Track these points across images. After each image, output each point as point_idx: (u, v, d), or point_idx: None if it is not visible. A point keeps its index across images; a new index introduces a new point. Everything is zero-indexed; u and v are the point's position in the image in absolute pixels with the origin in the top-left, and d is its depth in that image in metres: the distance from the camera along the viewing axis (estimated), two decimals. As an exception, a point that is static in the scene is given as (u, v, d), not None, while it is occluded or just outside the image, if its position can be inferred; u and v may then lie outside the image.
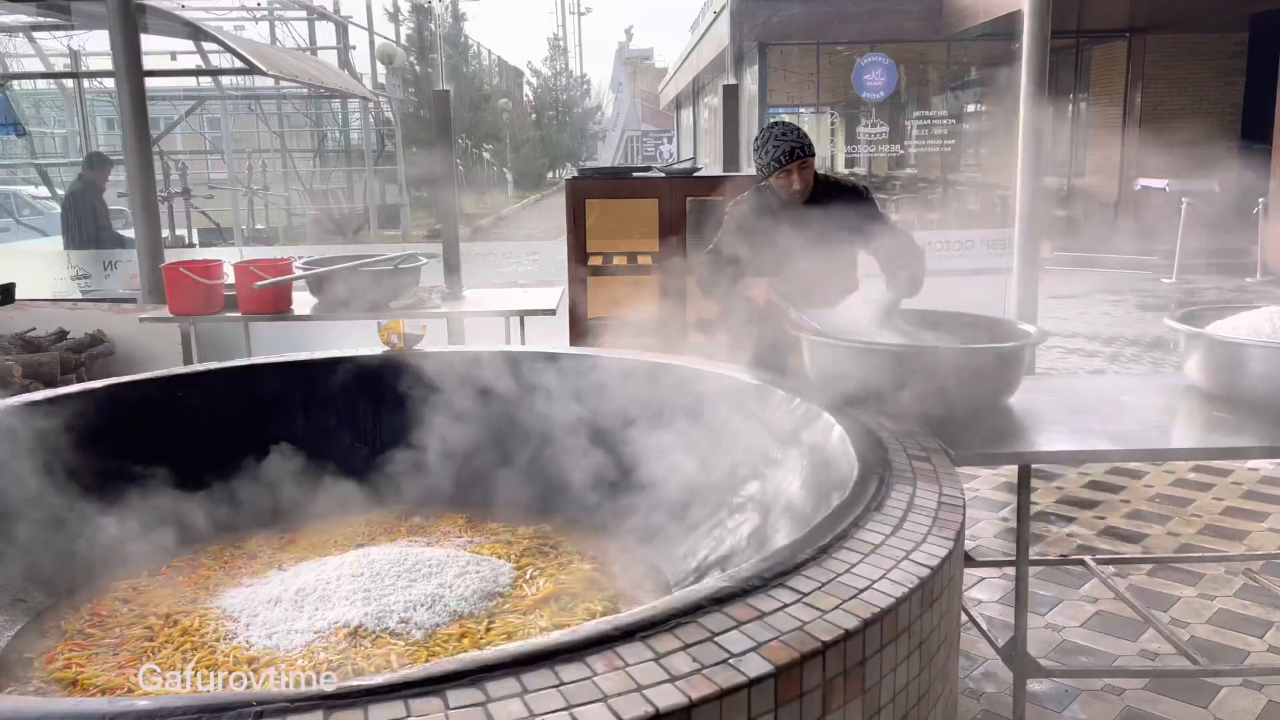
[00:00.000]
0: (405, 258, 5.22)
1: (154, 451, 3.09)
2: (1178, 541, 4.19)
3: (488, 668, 1.43)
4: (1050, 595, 3.68)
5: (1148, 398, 3.00)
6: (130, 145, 5.82)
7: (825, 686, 1.57)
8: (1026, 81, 5.42)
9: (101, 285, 7.12)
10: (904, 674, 1.75)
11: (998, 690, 3.07)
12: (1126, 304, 10.78)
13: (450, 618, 2.42)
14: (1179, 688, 3.03)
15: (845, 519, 1.99)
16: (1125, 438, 2.61)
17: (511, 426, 3.25)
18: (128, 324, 5.75)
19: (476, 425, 3.23)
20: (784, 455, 2.82)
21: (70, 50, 11.43)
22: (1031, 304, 5.63)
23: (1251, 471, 4.99)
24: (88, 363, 5.64)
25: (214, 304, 5.10)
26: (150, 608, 2.62)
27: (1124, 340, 8.70)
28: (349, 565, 2.59)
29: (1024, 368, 2.90)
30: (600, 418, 3.29)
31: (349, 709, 1.34)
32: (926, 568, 1.82)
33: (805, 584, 1.74)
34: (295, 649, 2.30)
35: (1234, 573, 3.81)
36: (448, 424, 3.18)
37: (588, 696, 1.38)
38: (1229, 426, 2.73)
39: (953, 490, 2.21)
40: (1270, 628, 3.41)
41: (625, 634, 1.53)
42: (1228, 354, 2.84)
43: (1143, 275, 12.89)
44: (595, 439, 3.23)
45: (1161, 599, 3.63)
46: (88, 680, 2.26)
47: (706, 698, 1.40)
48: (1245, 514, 4.47)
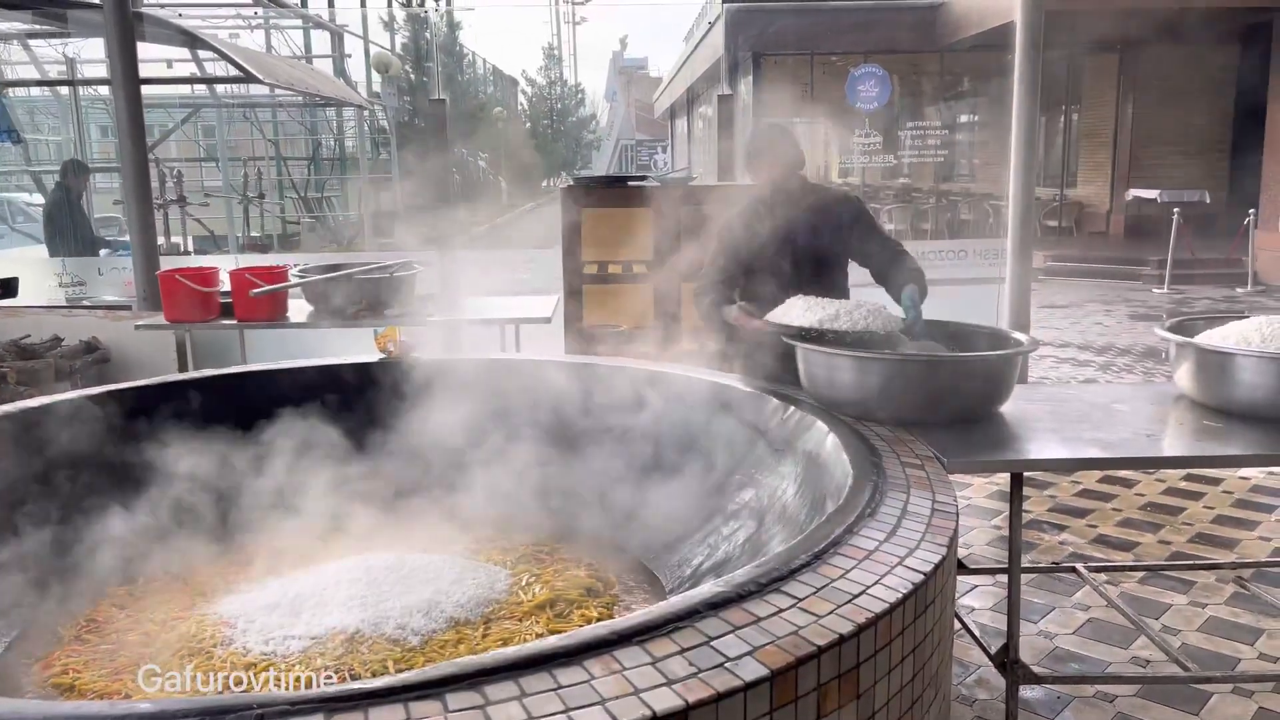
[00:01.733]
0: (401, 265, 5.24)
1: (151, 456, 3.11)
2: (1169, 550, 4.21)
3: (486, 671, 1.45)
4: (1042, 603, 3.70)
5: (1139, 406, 3.03)
6: (126, 152, 5.82)
7: (820, 691, 1.58)
8: (1019, 92, 5.45)
9: (95, 292, 7.11)
10: (897, 679, 1.77)
11: (990, 697, 3.09)
12: (1118, 314, 10.84)
13: (447, 624, 2.43)
14: (1170, 695, 3.05)
15: (840, 525, 2.01)
16: (1117, 446, 2.64)
17: (507, 434, 3.26)
18: (122, 331, 5.75)
19: (470, 431, 3.24)
20: (778, 462, 2.84)
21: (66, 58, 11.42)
22: (1024, 313, 5.65)
23: (1242, 480, 5.02)
24: (82, 370, 5.64)
25: (210, 311, 5.11)
26: (146, 614, 2.63)
27: (1116, 350, 8.75)
28: (346, 571, 2.60)
29: (1016, 376, 2.92)
30: (595, 424, 3.31)
31: (349, 711, 1.35)
32: (920, 574, 1.83)
33: (800, 589, 1.75)
34: (292, 654, 2.31)
35: (1225, 580, 3.84)
36: (441, 430, 3.19)
37: (585, 700, 1.40)
38: (1219, 435, 2.75)
39: (946, 497, 2.23)
40: (1261, 635, 3.44)
41: (622, 638, 1.55)
42: (1217, 363, 2.87)
43: (1134, 285, 12.97)
44: (588, 446, 3.24)
45: (1153, 606, 3.65)
46: (85, 686, 2.26)
47: (703, 701, 1.42)
48: (1236, 522, 4.51)
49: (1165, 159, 16.52)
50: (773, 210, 3.52)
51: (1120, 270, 13.66)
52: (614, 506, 3.11)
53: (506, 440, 3.24)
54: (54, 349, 5.61)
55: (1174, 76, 16.10)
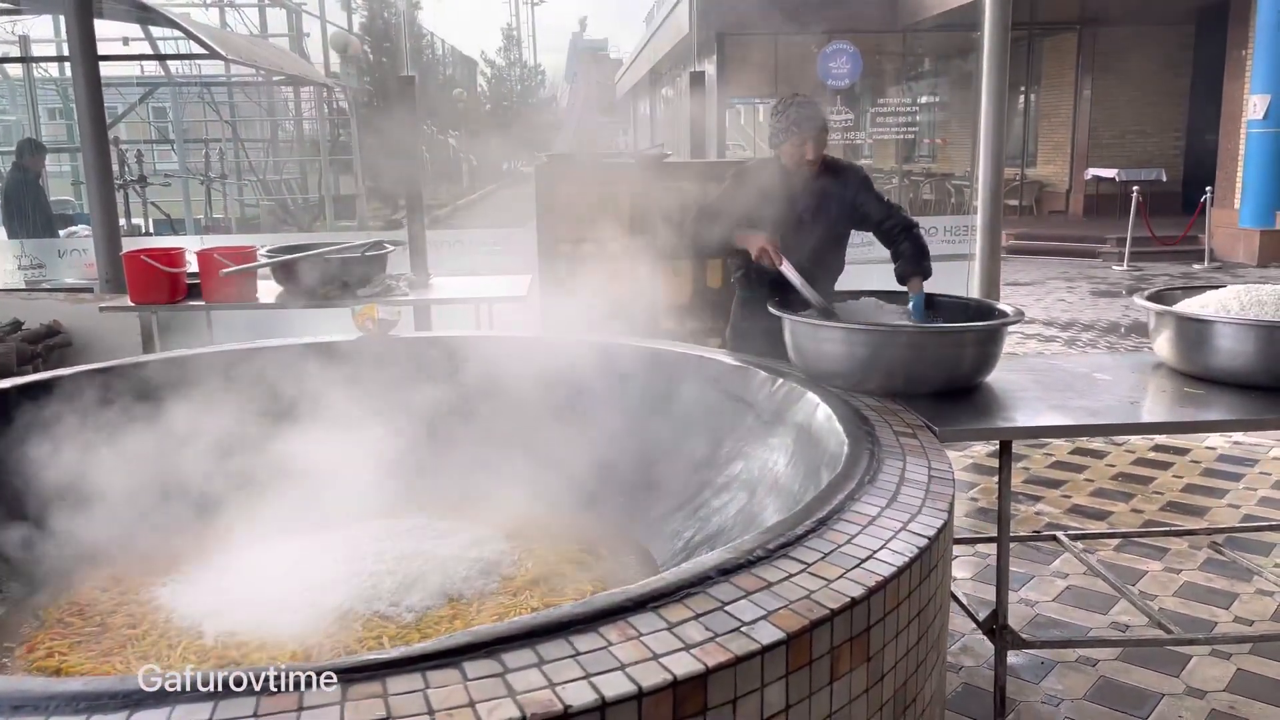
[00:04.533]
0: (372, 245, 5.17)
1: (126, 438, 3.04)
2: (1141, 518, 4.29)
3: (502, 639, 1.43)
4: (1023, 572, 3.75)
5: (1120, 375, 3.07)
6: (86, 131, 5.67)
7: (833, 654, 1.59)
8: (988, 69, 5.47)
9: (54, 275, 6.95)
10: (904, 642, 1.78)
11: (976, 664, 3.13)
12: (1080, 290, 10.99)
13: (441, 600, 2.41)
14: (1151, 657, 3.11)
15: (841, 491, 2.01)
16: (1103, 413, 2.67)
17: (494, 411, 3.23)
18: (85, 314, 5.62)
19: (459, 409, 3.21)
20: (768, 434, 2.84)
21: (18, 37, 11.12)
22: (995, 289, 5.70)
23: (1209, 450, 5.12)
24: (44, 354, 5.51)
25: (177, 293, 5.00)
26: (131, 595, 2.58)
27: (1080, 325, 8.87)
28: (335, 548, 2.57)
29: (1002, 347, 2.95)
30: (580, 401, 3.29)
31: (367, 682, 1.33)
32: (924, 538, 1.84)
33: (808, 554, 1.75)
34: (284, 633, 2.28)
35: (1197, 547, 3.91)
36: (429, 408, 3.16)
37: (605, 665, 1.39)
38: (1201, 401, 2.80)
39: (941, 464, 2.24)
40: (1235, 599, 3.51)
41: (637, 604, 1.54)
42: (1197, 331, 2.91)
43: (1094, 263, 13.15)
44: (576, 422, 3.22)
45: (1129, 573, 3.72)
46: (72, 668, 2.21)
47: (722, 664, 1.41)
48: (1205, 490, 4.59)
49: (1123, 138, 16.75)
50: (787, 184, 3.45)
51: (1080, 248, 13.84)
52: (602, 481, 3.09)
53: (495, 417, 3.21)
54: (14, 333, 5.48)
55: (1131, 57, 16.30)
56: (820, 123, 3.42)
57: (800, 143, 3.39)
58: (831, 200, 3.48)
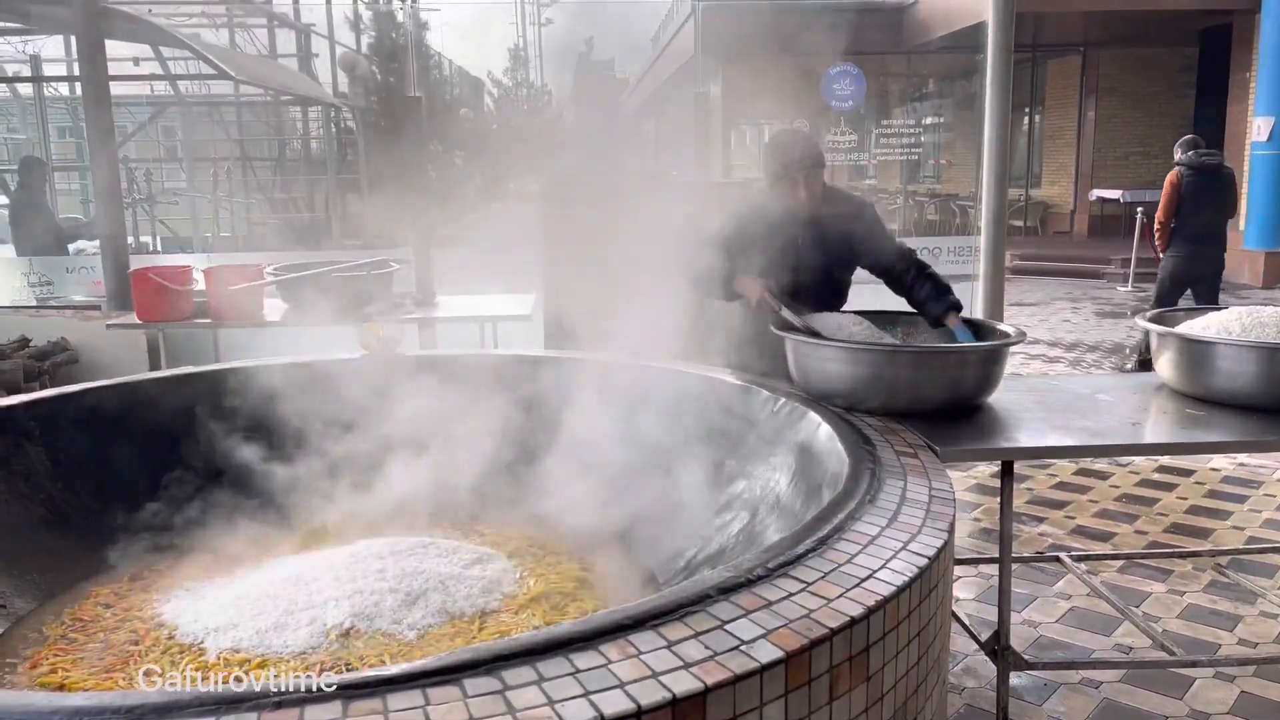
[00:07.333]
0: (378, 263, 5.20)
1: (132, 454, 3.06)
2: (1146, 540, 4.28)
3: (503, 657, 1.44)
4: (1026, 593, 3.74)
5: (1122, 396, 3.08)
6: (96, 149, 5.73)
7: (832, 673, 1.59)
8: (991, 91, 5.51)
9: (63, 292, 6.99)
10: (904, 662, 1.78)
11: (978, 685, 3.12)
12: (1085, 311, 10.99)
13: (443, 618, 2.41)
14: (1154, 680, 3.10)
15: (842, 511, 2.02)
16: (1106, 434, 2.67)
17: (496, 430, 3.24)
18: (92, 331, 5.66)
19: (461, 429, 3.22)
20: (770, 453, 2.85)
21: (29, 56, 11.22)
22: (999, 309, 5.71)
23: (1213, 472, 5.11)
24: (51, 371, 5.54)
25: (185, 311, 5.03)
26: (134, 612, 2.58)
27: (1085, 346, 8.88)
28: (338, 565, 2.57)
29: (1004, 367, 2.96)
30: (582, 419, 3.29)
31: (368, 698, 1.34)
32: (924, 557, 1.85)
33: (808, 574, 1.76)
34: (287, 650, 2.28)
35: (1201, 569, 3.90)
36: (435, 427, 3.17)
37: (604, 683, 1.39)
38: (1203, 422, 2.80)
39: (942, 484, 2.25)
40: (1239, 621, 3.50)
41: (636, 623, 1.55)
42: (1199, 352, 2.92)
43: (1099, 284, 13.15)
44: (579, 441, 3.23)
45: (1133, 595, 3.71)
46: (74, 684, 2.21)
47: (721, 683, 1.42)
48: (1209, 512, 4.59)
49: (1127, 160, 16.79)
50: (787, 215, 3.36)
51: (1085, 269, 13.84)
52: (604, 500, 3.10)
53: (492, 435, 3.22)
54: (22, 350, 5.51)
55: (1135, 79, 16.37)
56: (811, 160, 3.31)
57: (793, 185, 3.30)
58: (832, 239, 3.35)
